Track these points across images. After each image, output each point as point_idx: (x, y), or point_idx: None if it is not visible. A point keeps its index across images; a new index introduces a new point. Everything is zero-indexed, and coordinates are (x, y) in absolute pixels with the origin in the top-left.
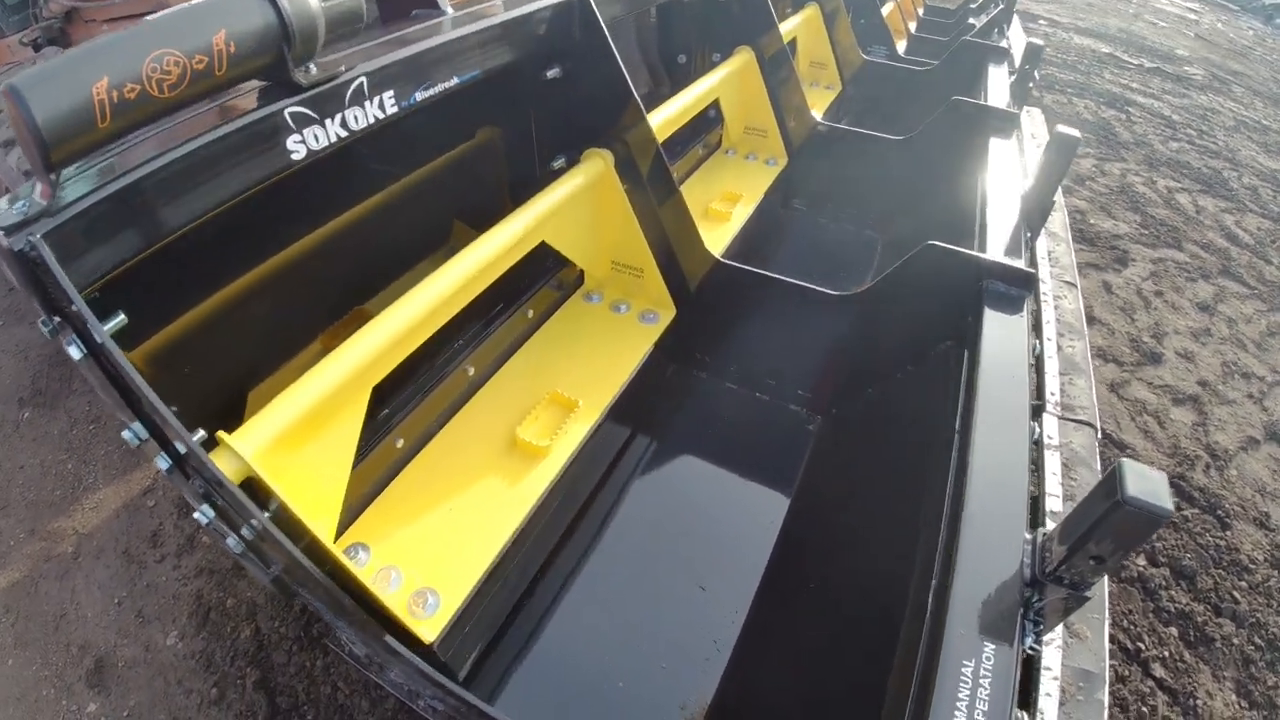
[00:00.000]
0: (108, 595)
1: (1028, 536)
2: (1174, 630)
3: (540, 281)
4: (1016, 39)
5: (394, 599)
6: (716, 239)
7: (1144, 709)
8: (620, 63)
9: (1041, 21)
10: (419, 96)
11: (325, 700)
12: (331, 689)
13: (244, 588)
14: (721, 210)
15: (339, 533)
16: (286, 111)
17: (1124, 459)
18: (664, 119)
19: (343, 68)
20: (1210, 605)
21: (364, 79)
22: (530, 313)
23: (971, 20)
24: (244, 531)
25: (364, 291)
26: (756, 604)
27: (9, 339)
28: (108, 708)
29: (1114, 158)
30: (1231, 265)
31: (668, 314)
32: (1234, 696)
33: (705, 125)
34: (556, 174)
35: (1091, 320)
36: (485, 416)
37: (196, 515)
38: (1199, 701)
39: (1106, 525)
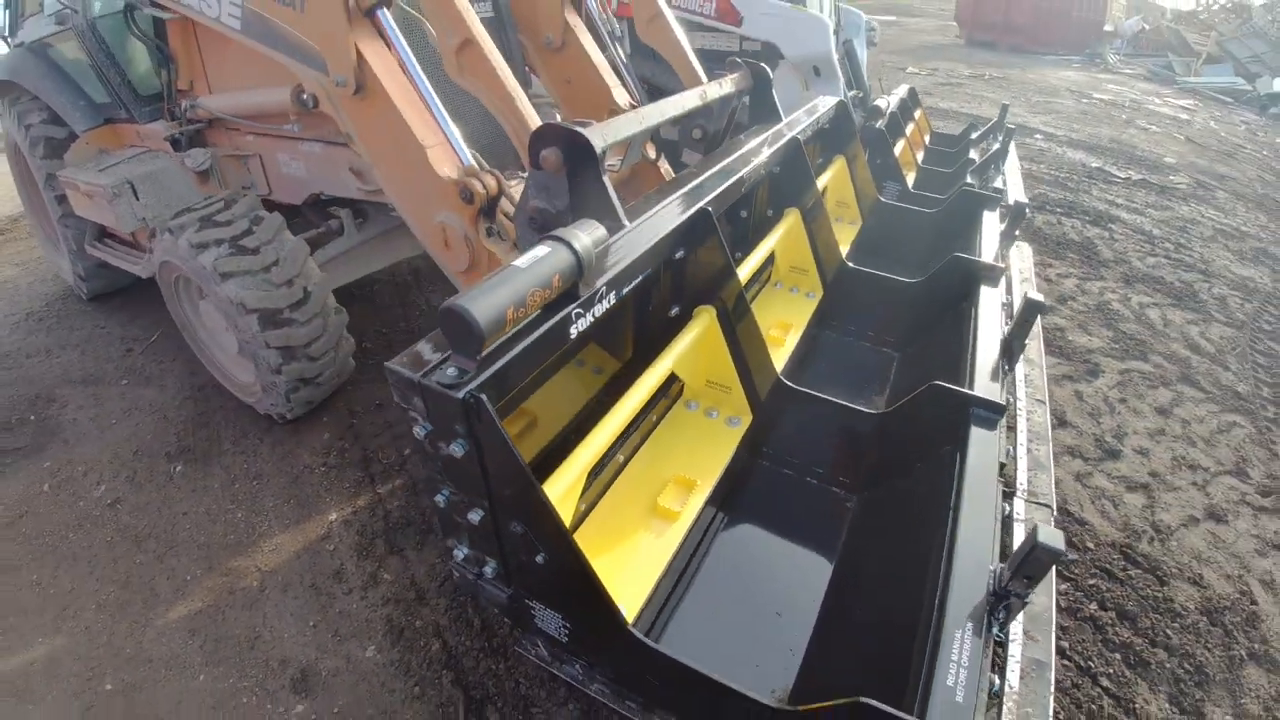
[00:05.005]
0: (301, 620)
1: (991, 568)
2: (1118, 655)
3: (659, 397)
4: (1012, 171)
5: None
6: (775, 359)
7: (1094, 708)
8: (726, 249)
9: (1038, 136)
10: (624, 291)
11: (510, 692)
12: (515, 684)
13: (428, 613)
14: (777, 336)
15: None
16: (573, 312)
17: (1038, 523)
18: (743, 275)
19: (596, 283)
20: (1148, 639)
21: (603, 288)
22: (654, 418)
23: (972, 154)
24: (526, 555)
25: None
26: (824, 610)
27: (139, 398)
28: (316, 708)
29: (1094, 276)
30: (1191, 373)
31: (747, 419)
32: (1166, 705)
33: (761, 266)
34: (673, 320)
35: (1064, 423)
36: (632, 491)
37: (455, 552)
38: (1137, 706)
39: (1030, 559)
